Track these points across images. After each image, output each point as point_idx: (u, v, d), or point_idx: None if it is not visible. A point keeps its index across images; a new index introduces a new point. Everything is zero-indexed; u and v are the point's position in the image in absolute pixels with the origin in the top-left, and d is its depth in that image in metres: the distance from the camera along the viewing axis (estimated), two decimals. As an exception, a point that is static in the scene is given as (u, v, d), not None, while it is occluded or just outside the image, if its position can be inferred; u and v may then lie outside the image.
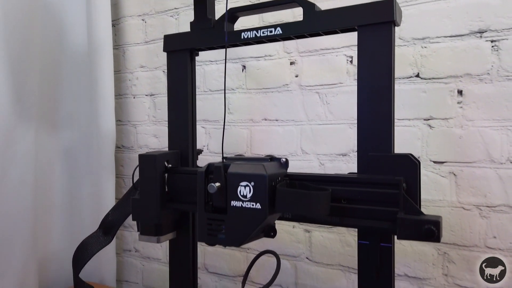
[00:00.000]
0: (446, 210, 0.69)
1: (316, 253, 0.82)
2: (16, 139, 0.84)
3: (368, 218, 0.44)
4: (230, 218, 0.45)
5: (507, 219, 0.65)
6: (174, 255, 0.61)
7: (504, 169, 0.65)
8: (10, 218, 0.83)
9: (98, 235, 0.62)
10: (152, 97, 1.05)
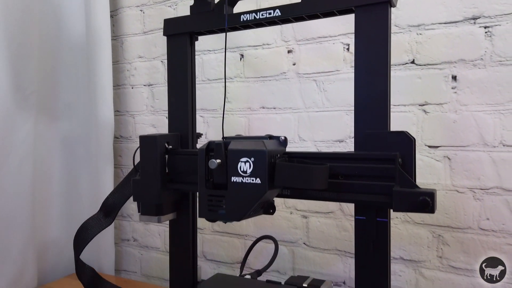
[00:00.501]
0: (440, 194, 0.71)
1: (313, 238, 0.84)
2: (15, 127, 0.85)
3: (365, 192, 0.46)
4: (230, 194, 0.46)
5: (500, 201, 0.67)
6: (174, 235, 0.62)
7: (497, 152, 0.67)
8: (9, 205, 0.84)
9: (98, 217, 0.63)
10: (150, 87, 1.06)
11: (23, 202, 0.87)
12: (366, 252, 0.48)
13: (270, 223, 0.88)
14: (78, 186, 1.04)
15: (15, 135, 0.85)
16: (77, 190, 1.04)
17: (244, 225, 0.92)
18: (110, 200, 0.63)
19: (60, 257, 1.01)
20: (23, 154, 0.86)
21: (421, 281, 0.73)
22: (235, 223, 0.93)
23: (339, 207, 0.81)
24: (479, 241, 0.68)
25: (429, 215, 0.72)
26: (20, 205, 0.86)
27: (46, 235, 0.98)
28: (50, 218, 0.99)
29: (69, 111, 1.03)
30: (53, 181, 1.01)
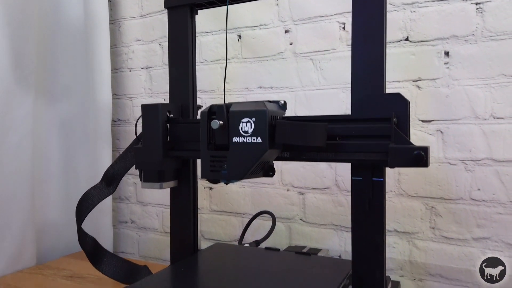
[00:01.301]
0: (433, 166, 0.73)
1: (309, 214, 0.86)
2: (15, 104, 0.85)
3: (362, 151, 0.47)
4: (232, 154, 0.48)
5: (490, 172, 0.69)
6: (175, 203, 0.63)
7: (487, 124, 0.69)
8: (9, 182, 0.85)
9: (100, 186, 0.64)
10: (148, 70, 1.07)
11: (22, 180, 0.88)
12: (362, 211, 0.50)
13: (267, 200, 0.90)
14: (76, 168, 1.05)
15: (15, 113, 0.85)
16: (76, 172, 1.05)
17: (241, 204, 0.93)
18: (112, 170, 0.65)
19: (59, 238, 1.02)
20: (22, 132, 0.87)
21: (414, 252, 0.75)
22: (232, 201, 0.94)
23: (335, 183, 0.83)
24: (471, 211, 0.71)
25: (422, 187, 0.74)
26: (20, 182, 0.87)
27: (45, 216, 0.99)
28: (48, 199, 1.00)
29: (67, 93, 1.04)
30: (51, 163, 1.01)
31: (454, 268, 0.72)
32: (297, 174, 0.87)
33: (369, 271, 0.49)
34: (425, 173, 0.74)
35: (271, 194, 0.90)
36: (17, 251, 0.88)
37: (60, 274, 0.86)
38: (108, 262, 0.66)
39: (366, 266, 0.50)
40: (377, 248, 0.49)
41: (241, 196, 0.94)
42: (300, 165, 0.86)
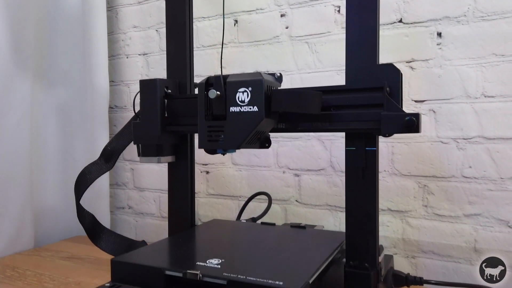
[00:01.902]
0: (426, 145, 0.75)
1: (304, 195, 0.87)
2: (13, 87, 0.86)
3: (356, 120, 0.49)
4: (229, 123, 0.49)
5: (481, 149, 0.71)
6: (172, 178, 0.64)
7: (478, 103, 0.70)
8: (7, 163, 0.85)
9: (99, 162, 0.65)
10: (145, 56, 1.08)
11: (21, 162, 0.88)
12: (356, 179, 0.51)
13: (263, 183, 0.91)
14: (74, 153, 1.06)
15: (13, 95, 0.86)
16: (73, 158, 1.06)
17: (238, 187, 0.95)
18: (110, 147, 0.65)
19: (57, 222, 1.03)
20: (20, 114, 0.88)
21: (407, 230, 0.77)
22: (228, 185, 0.95)
23: (330, 164, 0.84)
24: (462, 188, 0.72)
25: (415, 166, 0.76)
26: (18, 164, 0.88)
27: (43, 200, 1.00)
28: (46, 183, 1.01)
29: (65, 78, 1.04)
30: (49, 148, 1.02)
31: (446, 244, 0.73)
32: (292, 156, 0.88)
33: (362, 238, 0.51)
34: (418, 152, 0.75)
35: (267, 176, 0.91)
36: (15, 232, 0.88)
37: (58, 256, 0.87)
38: (106, 238, 0.67)
39: (359, 234, 0.51)
40: (370, 216, 0.51)
41: (237, 179, 0.95)
42: (296, 147, 0.87)
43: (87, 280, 0.72)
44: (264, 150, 0.91)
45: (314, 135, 0.85)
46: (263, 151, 0.91)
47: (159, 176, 1.06)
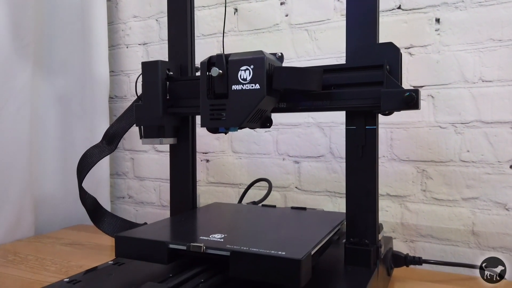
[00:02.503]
0: (424, 130, 0.75)
1: (304, 182, 0.88)
2: (13, 74, 0.86)
3: (356, 99, 0.49)
4: (231, 102, 0.50)
5: (479, 134, 0.71)
6: (174, 160, 0.65)
7: (476, 87, 0.71)
8: (7, 150, 0.86)
9: (101, 145, 0.66)
10: (145, 46, 1.08)
11: (21, 149, 0.89)
12: (356, 158, 0.52)
13: (263, 170, 0.92)
14: (73, 143, 1.06)
15: (14, 82, 0.86)
16: (73, 147, 1.06)
17: (238, 174, 0.95)
18: (112, 130, 0.66)
19: (56, 211, 1.03)
20: (21, 101, 0.88)
21: (406, 214, 0.78)
22: (228, 173, 0.96)
23: (330, 151, 0.85)
24: (460, 172, 0.73)
25: (413, 151, 0.77)
26: (18, 151, 0.88)
27: (42, 188, 1.00)
28: (45, 172, 1.01)
29: (64, 68, 1.05)
30: (48, 136, 1.02)
31: (444, 228, 0.74)
32: (292, 143, 0.89)
33: (362, 215, 0.52)
34: (416, 137, 0.76)
35: (267, 164, 0.92)
36: (15, 219, 0.89)
37: (59, 242, 0.88)
38: (108, 221, 0.68)
39: (359, 211, 0.52)
40: (370, 193, 0.51)
41: (237, 167, 0.95)
42: (295, 134, 0.88)
43: (89, 264, 0.72)
44: (264, 138, 0.92)
45: (314, 122, 0.86)
46: (263, 138, 0.92)
47: (159, 165, 1.07)
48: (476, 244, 0.72)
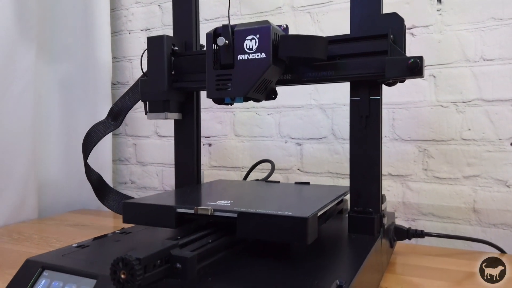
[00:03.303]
0: (426, 110, 0.76)
1: (306, 163, 0.88)
2: (17, 56, 0.87)
3: (360, 68, 0.50)
4: (237, 71, 0.50)
5: (480, 112, 0.72)
6: (179, 135, 0.65)
7: (477, 66, 0.72)
8: (12, 130, 0.86)
9: (106, 121, 0.66)
10: (147, 31, 1.09)
11: (24, 131, 0.89)
12: (360, 129, 0.52)
13: (266, 153, 0.93)
14: (76, 127, 1.06)
15: (18, 64, 0.87)
16: (75, 131, 1.06)
17: (240, 158, 0.96)
18: (117, 106, 0.67)
19: (59, 195, 1.04)
20: (25, 83, 0.88)
21: (407, 194, 0.78)
22: (231, 156, 0.97)
23: (332, 132, 0.85)
24: (461, 151, 0.74)
25: (415, 131, 0.77)
26: (22, 133, 0.88)
27: (45, 172, 1.00)
28: (48, 156, 1.01)
29: (67, 53, 1.05)
30: (51, 121, 1.03)
31: (445, 206, 0.75)
32: (294, 125, 0.89)
33: (366, 184, 0.52)
34: (418, 117, 0.77)
35: (270, 146, 0.92)
36: (19, 201, 0.89)
37: (63, 224, 0.88)
38: (113, 198, 0.68)
39: (363, 180, 0.52)
40: (374, 163, 0.52)
41: (239, 150, 0.96)
42: (298, 117, 0.89)
43: (94, 241, 0.73)
44: (267, 121, 0.92)
45: (316, 103, 0.86)
46: (266, 121, 0.92)
47: (161, 150, 1.07)
48: (477, 221, 0.73)
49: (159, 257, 0.35)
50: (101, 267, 0.40)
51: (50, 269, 0.40)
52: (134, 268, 0.32)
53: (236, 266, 0.40)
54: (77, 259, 0.43)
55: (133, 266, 0.32)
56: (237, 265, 0.40)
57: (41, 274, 0.40)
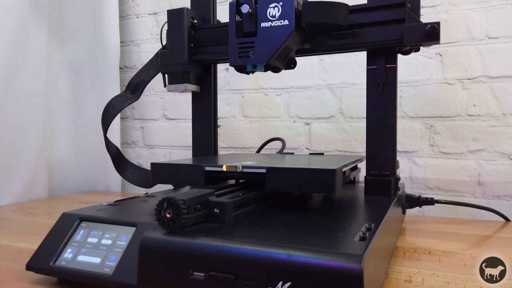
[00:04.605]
0: (432, 87, 0.79)
1: (314, 142, 0.90)
2: (31, 34, 0.88)
3: (378, 36, 0.52)
4: (259, 39, 0.52)
5: (485, 88, 0.75)
6: (197, 107, 0.67)
7: (482, 44, 0.75)
8: (24, 108, 0.87)
9: (125, 94, 0.68)
10: (155, 15, 1.10)
11: (37, 109, 0.90)
12: (377, 95, 0.55)
13: (274, 133, 0.95)
14: (84, 110, 1.07)
15: (30, 43, 0.88)
16: (83, 114, 1.08)
17: (249, 138, 0.98)
18: (136, 80, 0.68)
19: (67, 177, 1.05)
20: (37, 62, 0.89)
21: (414, 169, 0.81)
22: (240, 137, 0.98)
23: (340, 111, 0.88)
24: (467, 126, 0.77)
25: (422, 108, 0.80)
26: (34, 111, 0.89)
27: (55, 153, 1.01)
28: (57, 137, 1.02)
29: (76, 36, 1.06)
30: (60, 103, 1.04)
31: (451, 180, 0.78)
32: (303, 105, 0.91)
33: (382, 149, 0.55)
34: (425, 94, 0.79)
35: (278, 126, 0.94)
36: (31, 179, 0.90)
37: (74, 201, 0.89)
38: (131, 170, 0.70)
39: (380, 145, 0.55)
40: (390, 128, 0.54)
41: (248, 131, 0.98)
42: (306, 97, 0.91)
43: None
44: (275, 101, 0.94)
45: (325, 83, 0.89)
46: (274, 102, 0.94)
47: (169, 132, 1.09)
48: (481, 194, 0.76)
49: (199, 201, 0.37)
50: (138, 216, 0.41)
51: (88, 221, 0.42)
52: (180, 207, 0.34)
53: (269, 216, 0.42)
54: (112, 212, 0.44)
55: (179, 205, 0.34)
56: (269, 215, 0.42)
57: (79, 225, 0.42)
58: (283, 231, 0.36)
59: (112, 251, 0.38)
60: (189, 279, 0.33)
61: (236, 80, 0.99)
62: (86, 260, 0.39)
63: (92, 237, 0.40)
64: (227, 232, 0.35)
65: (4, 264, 0.46)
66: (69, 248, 0.40)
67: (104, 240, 0.40)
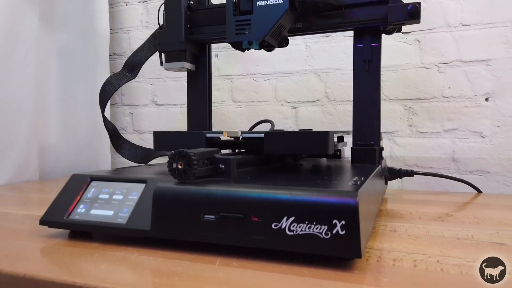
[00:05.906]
0: (411, 72, 0.85)
1: (301, 125, 0.95)
2: (22, 17, 0.88)
3: (365, 15, 0.57)
4: (255, 17, 0.56)
5: (459, 72, 0.81)
6: (192, 87, 0.70)
7: (457, 31, 0.81)
8: (17, 91, 0.88)
9: (122, 72, 0.70)
10: (145, 3, 1.12)
11: (28, 93, 0.91)
12: (362, 72, 0.59)
13: (263, 116, 0.98)
14: (75, 96, 1.08)
15: (22, 26, 0.88)
16: (74, 100, 1.08)
17: (238, 122, 1.01)
18: (133, 59, 0.70)
19: (58, 161, 1.05)
20: (29, 46, 0.90)
21: (394, 148, 0.87)
22: (229, 121, 1.02)
23: (325, 95, 0.92)
24: (443, 107, 0.83)
25: (401, 91, 0.85)
26: (27, 94, 0.90)
27: (46, 137, 1.02)
28: (48, 121, 1.03)
29: (66, 22, 1.07)
30: (51, 88, 1.04)
31: (428, 157, 0.84)
32: (290, 90, 0.96)
33: (368, 121, 0.59)
34: (404, 78, 0.85)
35: (267, 110, 0.98)
36: (23, 160, 0.91)
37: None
38: (127, 148, 0.72)
39: (365, 118, 0.59)
40: (375, 102, 0.59)
41: (237, 115, 1.01)
42: (293, 82, 0.95)
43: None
44: (264, 86, 0.98)
45: (311, 68, 0.93)
46: (263, 87, 0.98)
47: (159, 117, 1.11)
48: (455, 169, 0.82)
49: (207, 156, 0.40)
50: (147, 175, 0.44)
51: (98, 180, 0.45)
52: (191, 159, 0.37)
53: (269, 173, 0.46)
54: (121, 173, 0.47)
55: (190, 157, 0.37)
56: (268, 174, 0.46)
57: (89, 184, 0.45)
58: (284, 181, 0.40)
59: (124, 205, 0.41)
60: (200, 221, 0.36)
61: (225, 67, 1.02)
62: (99, 213, 0.41)
63: (104, 194, 0.43)
64: (233, 182, 0.38)
65: (15, 225, 0.49)
66: (81, 204, 0.43)
67: (115, 195, 0.43)
